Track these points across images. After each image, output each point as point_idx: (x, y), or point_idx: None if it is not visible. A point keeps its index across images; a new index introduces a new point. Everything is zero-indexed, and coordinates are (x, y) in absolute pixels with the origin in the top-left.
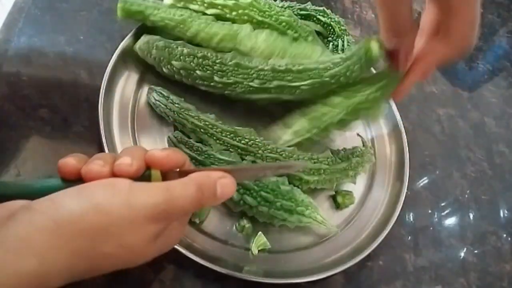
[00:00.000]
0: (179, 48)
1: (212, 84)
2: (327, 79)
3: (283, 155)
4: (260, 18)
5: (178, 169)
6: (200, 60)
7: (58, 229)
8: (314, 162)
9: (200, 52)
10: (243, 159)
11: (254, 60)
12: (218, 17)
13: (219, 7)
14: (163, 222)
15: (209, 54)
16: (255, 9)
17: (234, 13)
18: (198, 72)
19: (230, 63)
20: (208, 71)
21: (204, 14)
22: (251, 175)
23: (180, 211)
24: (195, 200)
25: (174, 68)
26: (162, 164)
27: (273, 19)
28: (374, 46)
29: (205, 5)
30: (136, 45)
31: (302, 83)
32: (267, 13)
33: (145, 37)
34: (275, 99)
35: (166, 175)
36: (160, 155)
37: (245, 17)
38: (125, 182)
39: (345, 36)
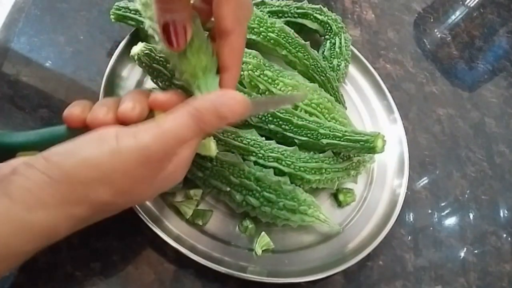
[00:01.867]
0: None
1: None
2: (322, 144)
3: (285, 154)
4: (247, 36)
5: None
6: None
7: (55, 183)
8: (316, 162)
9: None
10: (244, 160)
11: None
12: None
13: None
14: (157, 162)
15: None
16: None
17: None
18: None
19: None
20: None
21: None
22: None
23: (175, 143)
24: (192, 127)
25: (172, 86)
26: (165, 107)
27: (261, 36)
28: (380, 144)
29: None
30: (133, 53)
31: (298, 137)
32: (255, 29)
33: (144, 47)
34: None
35: None
36: (163, 97)
37: None
38: (111, 131)
39: (342, 34)
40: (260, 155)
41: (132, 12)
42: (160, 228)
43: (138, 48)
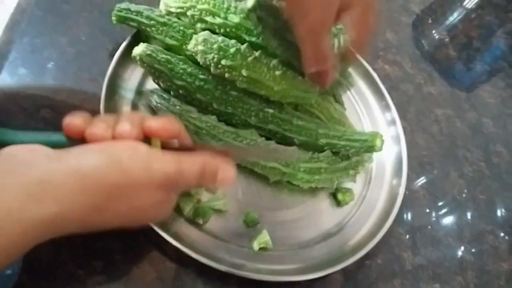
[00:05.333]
0: (182, 66)
1: (209, 109)
2: (321, 144)
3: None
4: (247, 38)
5: (176, 141)
6: (202, 83)
7: (82, 178)
8: (315, 161)
9: (202, 74)
10: (244, 164)
11: (257, 98)
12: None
13: (208, 23)
14: (168, 191)
15: (210, 78)
16: (242, 28)
17: (222, 30)
18: (198, 95)
19: (233, 93)
20: (208, 96)
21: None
22: (248, 154)
23: (183, 184)
24: (197, 177)
25: (174, 86)
26: (158, 134)
27: (260, 38)
28: (379, 143)
29: (195, 19)
30: (135, 54)
31: (297, 136)
32: (255, 31)
33: (146, 48)
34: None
35: (165, 145)
36: (156, 125)
37: (233, 35)
38: (144, 147)
39: (341, 35)
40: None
41: (133, 13)
42: (161, 227)
43: (140, 49)
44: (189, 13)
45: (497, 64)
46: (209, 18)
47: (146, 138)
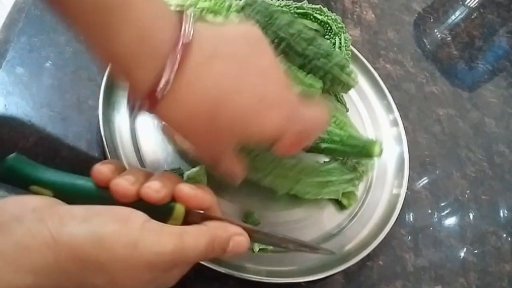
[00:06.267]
0: None
1: None
2: (322, 149)
3: (287, 165)
4: None
5: (202, 211)
6: None
7: (56, 247)
8: (323, 176)
9: None
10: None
11: None
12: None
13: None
14: (162, 271)
15: None
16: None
17: None
18: None
19: None
20: None
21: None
22: (271, 242)
23: (186, 262)
24: (203, 253)
25: None
26: (188, 202)
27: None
28: (377, 150)
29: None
30: None
31: None
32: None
33: None
34: None
35: (189, 213)
36: (189, 193)
37: None
38: (139, 220)
39: (342, 34)
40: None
41: None
42: None
43: None
44: (189, 11)
45: (499, 63)
46: (210, 17)
47: (173, 201)
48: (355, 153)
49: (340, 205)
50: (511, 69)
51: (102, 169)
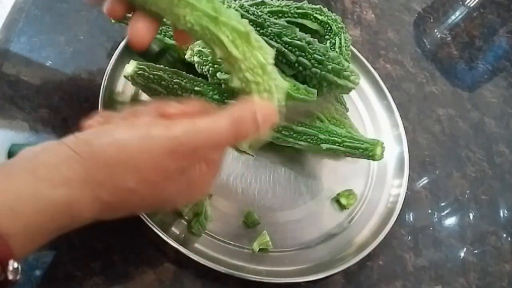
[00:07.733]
0: (175, 80)
1: None
2: (323, 149)
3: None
4: None
5: None
6: (198, 95)
7: (82, 161)
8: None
9: (197, 86)
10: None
11: None
12: None
13: None
14: (185, 158)
15: (205, 87)
16: None
17: None
18: None
19: (230, 103)
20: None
21: None
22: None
23: (207, 145)
24: (230, 133)
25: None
26: (179, 119)
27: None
28: (379, 151)
29: None
30: (126, 73)
31: (298, 142)
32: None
33: (137, 67)
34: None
35: None
36: (176, 110)
37: None
38: (144, 119)
39: (342, 34)
40: None
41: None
42: (160, 228)
43: (131, 69)
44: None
45: (499, 63)
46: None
47: None
48: (357, 154)
49: (340, 205)
50: (511, 69)
51: (94, 122)
